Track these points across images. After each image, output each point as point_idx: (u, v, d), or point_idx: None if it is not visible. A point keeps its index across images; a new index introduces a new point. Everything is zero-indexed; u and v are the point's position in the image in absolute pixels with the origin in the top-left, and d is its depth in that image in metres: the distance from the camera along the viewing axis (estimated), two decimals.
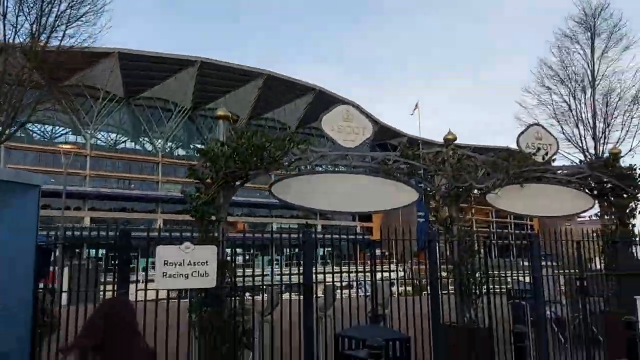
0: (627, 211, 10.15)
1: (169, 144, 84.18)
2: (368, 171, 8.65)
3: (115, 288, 6.04)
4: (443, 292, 8.21)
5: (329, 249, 7.90)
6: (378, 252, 11.20)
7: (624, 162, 11.20)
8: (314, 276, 6.99)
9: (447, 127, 9.07)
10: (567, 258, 10.00)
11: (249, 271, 6.99)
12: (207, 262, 6.25)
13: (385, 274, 8.67)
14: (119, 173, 77.33)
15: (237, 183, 7.29)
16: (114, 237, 6.22)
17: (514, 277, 9.30)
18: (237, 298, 6.69)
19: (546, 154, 9.57)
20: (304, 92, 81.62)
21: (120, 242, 6.17)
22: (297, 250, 7.15)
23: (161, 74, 73.54)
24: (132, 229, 6.83)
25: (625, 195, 10.14)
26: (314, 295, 7.01)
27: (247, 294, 6.87)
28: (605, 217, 10.51)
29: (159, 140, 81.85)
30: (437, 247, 7.96)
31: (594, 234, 9.87)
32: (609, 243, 9.82)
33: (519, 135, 9.80)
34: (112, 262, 6.47)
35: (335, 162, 8.32)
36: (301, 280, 7.05)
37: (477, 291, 8.42)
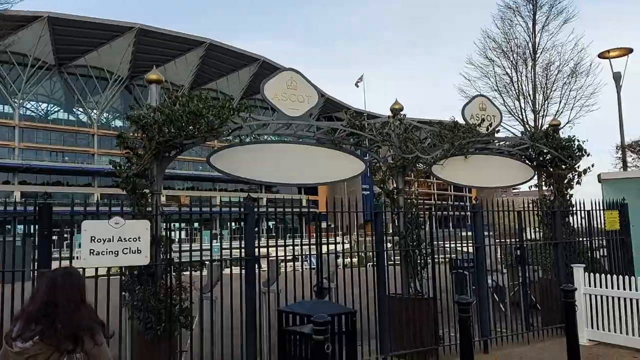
0: (565, 182, 10.38)
1: (105, 115, 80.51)
2: (314, 142, 8.33)
3: (36, 267, 5.48)
4: (389, 262, 8.11)
5: (274, 222, 7.54)
6: (325, 225, 11.02)
7: (563, 133, 11.39)
8: (256, 250, 6.66)
9: (394, 100, 8.85)
10: (505, 228, 10.18)
11: (188, 246, 6.55)
12: (139, 237, 5.78)
13: (331, 247, 8.46)
14: (52, 145, 73.44)
15: (172, 153, 6.80)
16: (32, 212, 5.62)
17: (458, 248, 9.34)
18: (174, 275, 6.27)
19: (490, 125, 9.56)
20: (247, 63, 79.79)
21: (40, 216, 5.58)
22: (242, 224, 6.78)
23: (95, 40, 69.77)
24: (53, 203, 6.21)
25: (563, 167, 10.34)
26: (257, 270, 6.69)
27: (186, 270, 6.45)
28: (544, 187, 10.72)
29: (94, 111, 78.09)
30: (383, 219, 7.80)
31: (532, 205, 10.04)
32: (547, 213, 10.02)
33: (464, 107, 9.73)
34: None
35: (279, 132, 7.94)
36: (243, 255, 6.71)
37: (422, 262, 8.38)
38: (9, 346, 2.72)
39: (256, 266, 6.72)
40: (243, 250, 6.73)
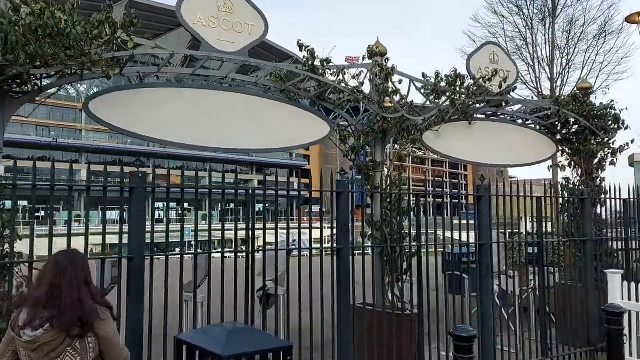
0: (596, 161, 8.05)
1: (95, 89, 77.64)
2: (257, 90, 5.97)
3: None
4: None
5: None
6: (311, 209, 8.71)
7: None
8: (143, 245, 4.31)
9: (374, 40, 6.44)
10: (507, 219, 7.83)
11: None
12: None
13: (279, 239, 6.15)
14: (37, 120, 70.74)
15: (20, 92, 4.44)
16: None
17: (454, 242, 7.03)
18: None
19: (504, 81, 7.18)
20: None
21: None
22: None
23: None
24: None
25: (594, 142, 8.00)
26: (143, 273, 4.34)
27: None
28: (568, 167, 8.36)
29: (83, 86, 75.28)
30: (349, 201, 5.45)
31: (551, 189, 7.67)
32: (574, 201, 7.66)
33: (470, 56, 7.37)
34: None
35: (203, 73, 5.55)
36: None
37: (406, 263, 6.09)
38: (18, 335, 2.65)
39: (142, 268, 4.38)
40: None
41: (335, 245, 5.37)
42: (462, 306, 6.48)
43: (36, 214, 4.10)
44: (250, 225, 4.94)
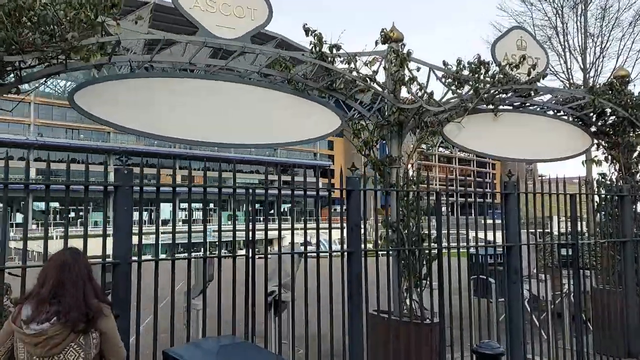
0: (636, 155, 7.37)
1: None
2: (260, 81, 5.53)
3: None
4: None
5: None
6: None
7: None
8: (128, 249, 3.90)
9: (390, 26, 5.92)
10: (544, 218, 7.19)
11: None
12: None
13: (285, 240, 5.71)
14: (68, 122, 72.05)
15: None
16: None
17: (481, 245, 6.47)
18: None
19: (532, 68, 6.58)
20: None
21: None
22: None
23: None
24: None
25: (633, 134, 7.32)
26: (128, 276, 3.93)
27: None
28: (605, 162, 7.67)
29: None
30: (360, 201, 4.95)
31: (586, 186, 7.01)
32: (612, 198, 6.98)
33: (495, 42, 6.78)
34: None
35: (199, 62, 5.13)
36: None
37: (426, 268, 5.56)
38: (22, 328, 2.64)
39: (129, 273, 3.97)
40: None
41: (345, 247, 4.89)
42: (488, 313, 5.92)
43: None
44: (251, 226, 4.51)
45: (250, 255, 4.46)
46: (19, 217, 53.25)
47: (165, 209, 44.49)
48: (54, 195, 3.82)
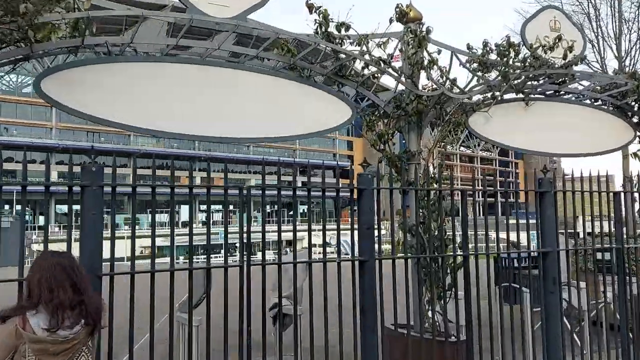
0: None
1: None
2: (261, 66, 4.92)
3: None
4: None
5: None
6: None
7: None
8: (98, 260, 3.32)
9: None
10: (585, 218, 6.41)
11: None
12: None
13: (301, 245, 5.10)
14: (88, 126, 72.72)
15: None
16: None
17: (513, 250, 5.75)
18: None
19: (568, 50, 5.85)
20: None
21: None
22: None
23: None
24: None
25: None
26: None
27: None
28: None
29: None
30: (373, 201, 4.29)
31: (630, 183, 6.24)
32: None
33: (526, 23, 6.07)
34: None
35: (184, 45, 4.53)
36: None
37: (450, 277, 4.88)
38: (43, 338, 2.46)
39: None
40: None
41: (357, 255, 4.25)
42: (522, 326, 5.20)
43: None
44: (245, 228, 3.90)
45: (246, 263, 3.85)
46: (41, 220, 53.86)
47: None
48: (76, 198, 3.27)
